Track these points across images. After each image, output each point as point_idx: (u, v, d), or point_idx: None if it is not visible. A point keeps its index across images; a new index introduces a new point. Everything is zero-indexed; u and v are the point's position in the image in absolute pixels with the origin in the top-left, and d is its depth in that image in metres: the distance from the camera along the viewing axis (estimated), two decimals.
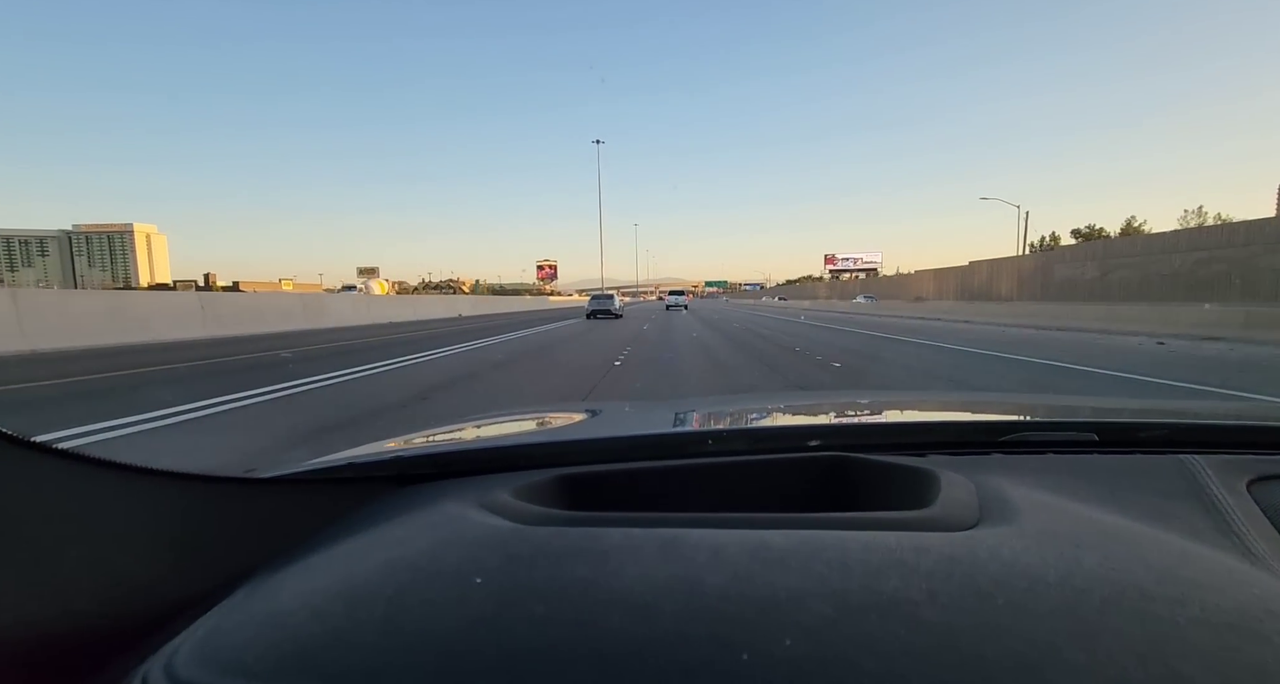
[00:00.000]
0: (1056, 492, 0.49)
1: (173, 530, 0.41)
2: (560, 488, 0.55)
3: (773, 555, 0.35)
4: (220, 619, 0.35)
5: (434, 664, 0.27)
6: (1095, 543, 0.37)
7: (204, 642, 0.32)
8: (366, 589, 0.34)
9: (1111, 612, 0.29)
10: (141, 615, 0.37)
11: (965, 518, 0.40)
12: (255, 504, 0.49)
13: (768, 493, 0.58)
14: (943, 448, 0.62)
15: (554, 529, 0.41)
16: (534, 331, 12.71)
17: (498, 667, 0.27)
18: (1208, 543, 0.41)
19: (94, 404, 3.98)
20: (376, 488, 0.58)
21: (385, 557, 0.39)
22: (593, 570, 0.34)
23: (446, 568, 0.36)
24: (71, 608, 0.34)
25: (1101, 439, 0.63)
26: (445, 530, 0.43)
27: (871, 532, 0.38)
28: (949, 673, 0.25)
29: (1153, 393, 4.69)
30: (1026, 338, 10.85)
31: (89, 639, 0.35)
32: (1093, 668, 0.25)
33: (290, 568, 0.41)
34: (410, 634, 0.29)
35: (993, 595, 0.30)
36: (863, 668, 0.26)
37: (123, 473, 0.39)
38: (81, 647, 0.34)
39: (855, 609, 0.29)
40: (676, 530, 0.39)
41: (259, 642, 0.31)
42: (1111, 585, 0.31)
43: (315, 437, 3.20)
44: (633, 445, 0.68)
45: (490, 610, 0.31)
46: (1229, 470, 0.53)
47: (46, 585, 0.33)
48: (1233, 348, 8.35)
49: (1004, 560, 0.34)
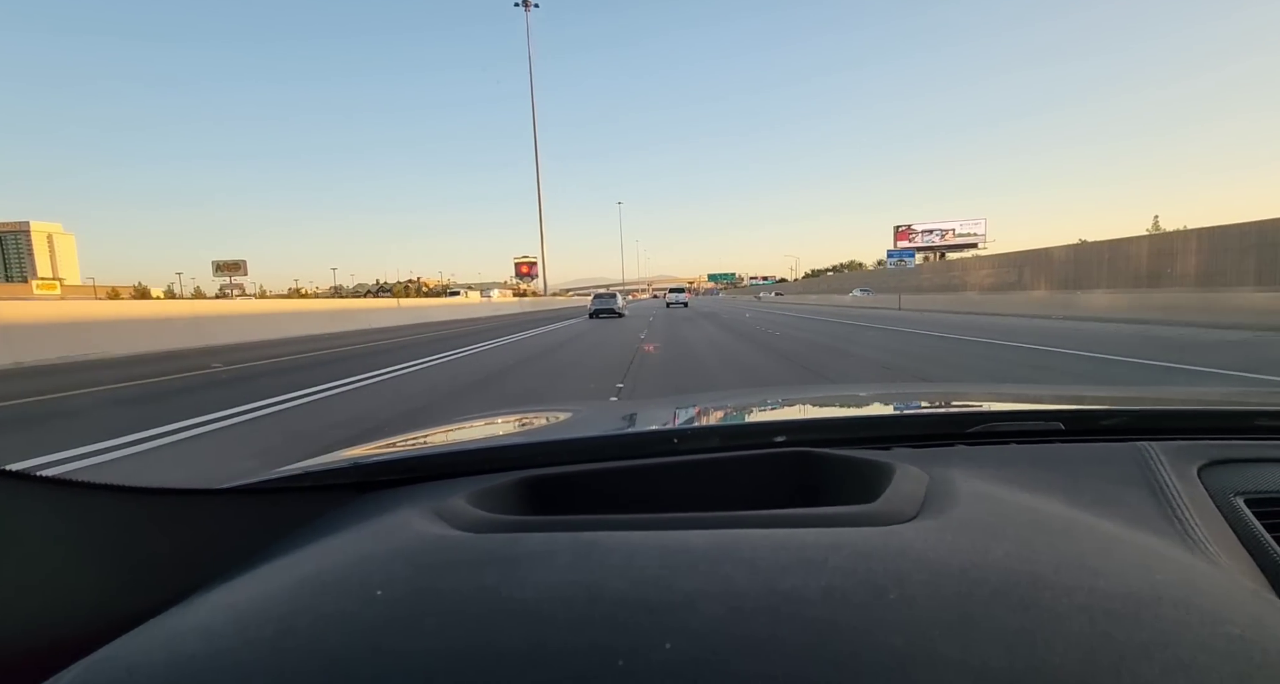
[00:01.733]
0: (1010, 483, 0.49)
1: (120, 546, 0.41)
2: (522, 491, 0.55)
3: (685, 558, 0.34)
4: (124, 643, 0.34)
5: (309, 682, 0.27)
6: (1013, 533, 0.37)
7: (88, 669, 0.31)
8: (265, 606, 0.34)
9: (999, 602, 0.29)
10: (79, 636, 0.36)
11: (905, 511, 0.40)
12: (210, 517, 0.49)
13: (737, 490, 0.58)
14: (908, 441, 0.62)
15: (482, 536, 0.40)
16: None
17: (372, 680, 0.26)
18: (1148, 529, 0.42)
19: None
20: (335, 497, 0.58)
21: (305, 570, 0.39)
22: (498, 578, 0.33)
23: (353, 582, 0.35)
24: (6, 628, 0.34)
25: (1067, 428, 0.63)
26: (375, 541, 0.42)
27: (794, 529, 0.38)
28: (819, 670, 0.25)
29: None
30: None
31: (20, 662, 0.34)
32: (962, 660, 0.25)
33: (222, 585, 0.40)
34: (293, 654, 0.29)
35: (885, 589, 0.30)
36: (736, 669, 0.26)
37: (61, 488, 0.39)
38: (14, 667, 0.34)
39: (747, 610, 0.29)
40: (598, 534, 0.38)
41: (140, 668, 0.30)
42: (1008, 575, 0.31)
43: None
44: (598, 446, 0.68)
45: (379, 625, 0.30)
46: (1181, 456, 0.53)
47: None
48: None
49: (912, 555, 0.34)
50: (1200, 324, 10.80)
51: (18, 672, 0.34)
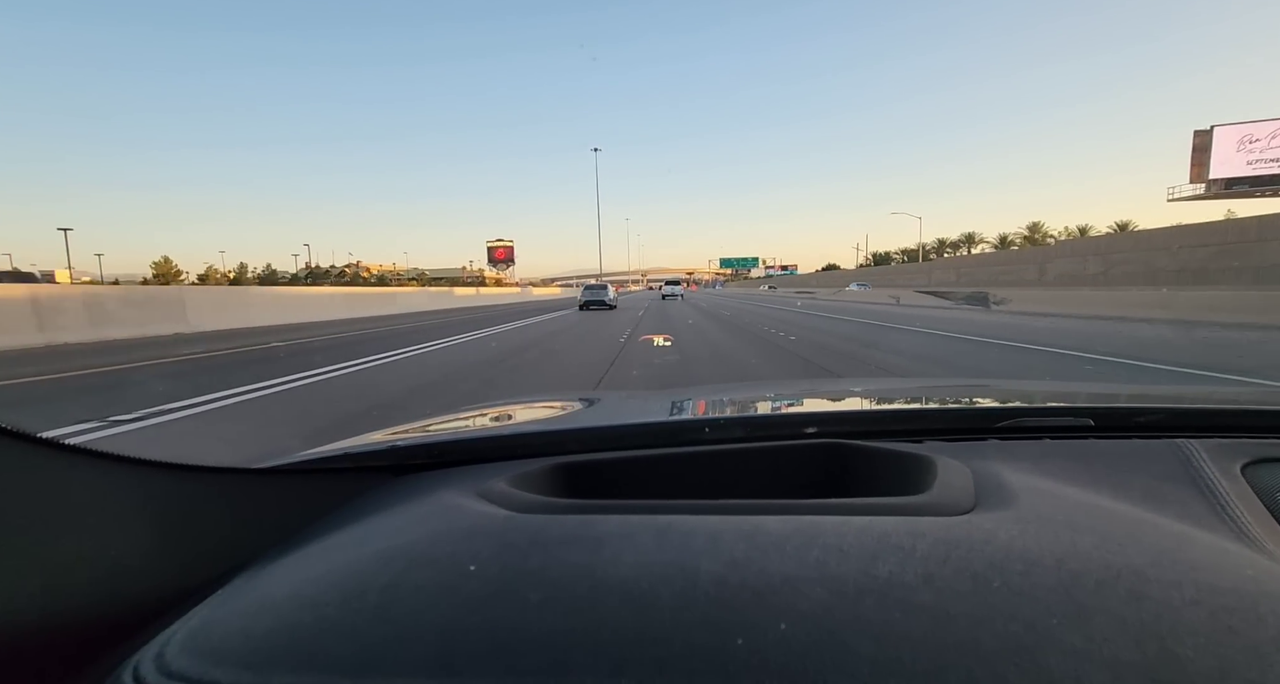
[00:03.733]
0: (1053, 477, 0.49)
1: (168, 522, 0.41)
2: (557, 476, 0.55)
3: (769, 541, 0.35)
4: (213, 610, 0.35)
5: (426, 651, 0.27)
6: (1091, 526, 0.38)
7: (196, 632, 0.32)
8: (360, 578, 0.34)
9: (1107, 594, 0.29)
10: (137, 607, 0.37)
11: (961, 503, 0.40)
12: (251, 495, 0.49)
13: (766, 480, 0.59)
14: (939, 434, 0.62)
15: (549, 517, 0.40)
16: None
17: (491, 652, 0.27)
18: (1202, 526, 0.42)
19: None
20: (373, 478, 0.58)
21: (379, 546, 0.39)
22: (589, 557, 0.34)
23: (440, 556, 0.36)
24: (65, 600, 0.34)
25: (1098, 424, 0.63)
26: (440, 519, 0.42)
27: (868, 517, 0.38)
28: (944, 655, 0.25)
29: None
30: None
31: (83, 631, 0.35)
32: (1089, 650, 0.25)
33: (285, 558, 0.41)
34: (403, 622, 0.29)
35: (988, 579, 0.30)
36: (857, 651, 0.26)
37: (117, 464, 0.39)
38: (75, 638, 0.34)
39: (851, 593, 0.29)
40: (672, 517, 0.39)
41: (251, 631, 0.31)
42: (1107, 568, 0.31)
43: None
44: (630, 434, 0.68)
45: (484, 597, 0.31)
46: (1224, 454, 0.53)
47: (40, 577, 0.33)
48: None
49: (999, 544, 0.34)
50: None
51: (82, 638, 0.34)
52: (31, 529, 0.33)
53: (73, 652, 0.34)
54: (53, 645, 0.33)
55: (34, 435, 0.34)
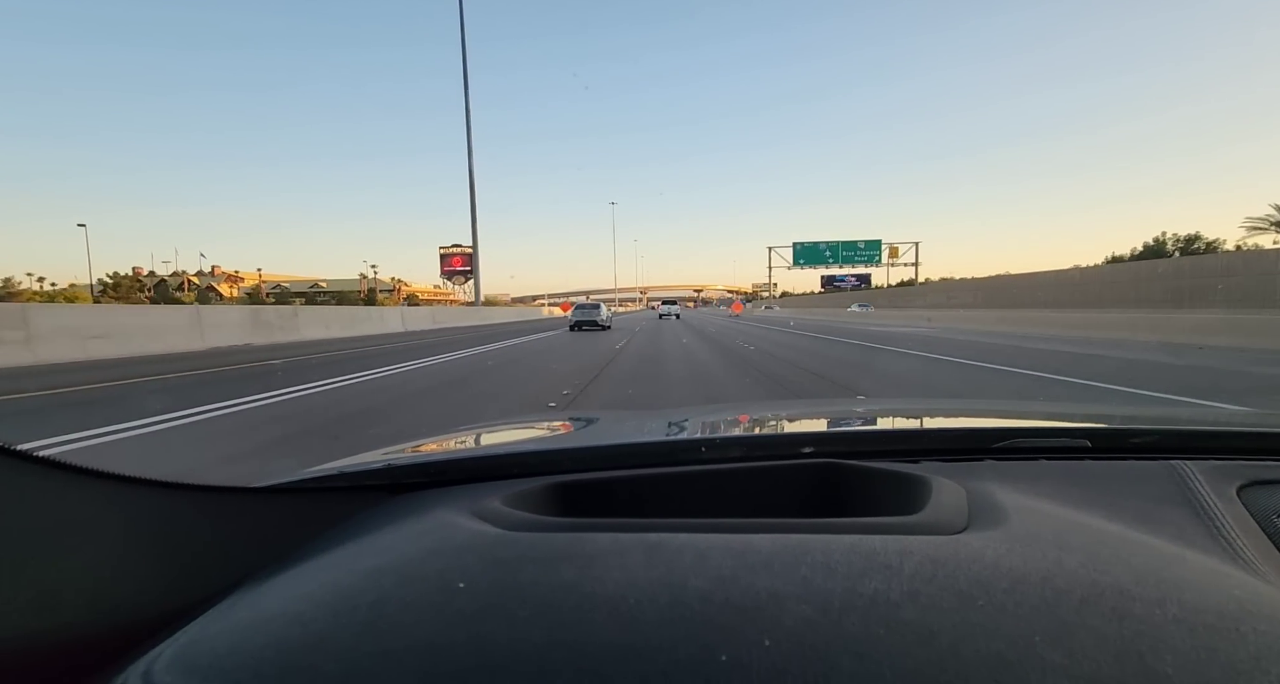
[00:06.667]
0: (1048, 498, 0.49)
1: (163, 540, 0.41)
2: (552, 496, 0.55)
3: (757, 559, 0.35)
4: (203, 627, 0.35)
5: (414, 666, 0.28)
6: (1079, 546, 0.38)
7: (184, 649, 0.32)
8: (349, 594, 0.34)
9: (1090, 612, 0.29)
10: (128, 627, 0.37)
11: (954, 522, 0.41)
12: (247, 514, 0.49)
13: (762, 500, 0.59)
14: (936, 455, 0.62)
15: (541, 535, 0.41)
16: None
17: (478, 668, 0.27)
18: (1197, 547, 0.42)
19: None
20: (369, 497, 0.59)
21: (371, 563, 0.39)
22: (578, 574, 0.34)
23: (430, 573, 0.36)
24: (54, 619, 0.34)
25: (1094, 445, 0.63)
26: (432, 537, 0.43)
27: (857, 536, 0.38)
28: (926, 671, 0.26)
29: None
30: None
31: (73, 651, 0.35)
32: (1069, 666, 0.26)
33: (278, 576, 0.41)
34: (391, 637, 0.29)
35: (973, 596, 0.30)
36: (841, 667, 0.26)
37: (110, 482, 0.39)
38: (64, 658, 0.34)
39: (836, 610, 0.30)
40: (663, 535, 0.39)
41: (239, 648, 0.31)
42: (1091, 586, 0.32)
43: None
44: (626, 453, 0.68)
45: (472, 613, 0.31)
46: (1219, 476, 0.53)
47: (33, 594, 0.33)
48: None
49: (987, 562, 0.34)
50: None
51: (72, 657, 0.34)
52: (19, 547, 0.33)
53: (61, 672, 0.34)
54: (41, 665, 0.33)
55: (20, 450, 0.34)
